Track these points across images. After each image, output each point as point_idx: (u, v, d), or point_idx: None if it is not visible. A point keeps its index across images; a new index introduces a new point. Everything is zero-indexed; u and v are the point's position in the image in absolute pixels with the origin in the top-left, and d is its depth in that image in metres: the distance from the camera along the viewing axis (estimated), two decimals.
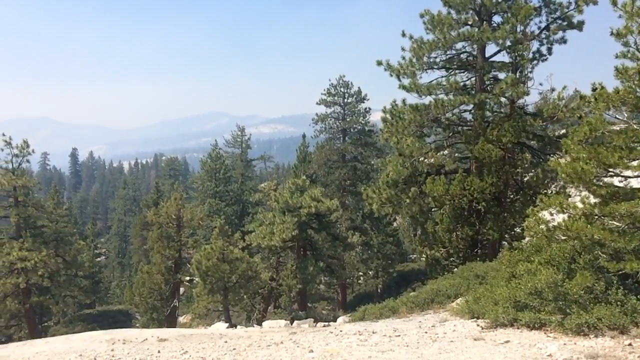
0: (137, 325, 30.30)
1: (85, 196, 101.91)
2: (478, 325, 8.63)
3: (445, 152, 19.34)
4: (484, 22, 17.15)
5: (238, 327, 16.77)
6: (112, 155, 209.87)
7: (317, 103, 35.49)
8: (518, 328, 7.95)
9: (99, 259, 50.48)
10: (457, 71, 18.45)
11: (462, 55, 18.31)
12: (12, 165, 26.79)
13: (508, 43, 16.66)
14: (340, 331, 9.39)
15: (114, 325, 27.89)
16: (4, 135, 26.79)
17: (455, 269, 16.24)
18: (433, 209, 19.08)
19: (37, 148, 30.59)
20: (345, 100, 35.42)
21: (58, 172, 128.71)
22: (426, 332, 8.54)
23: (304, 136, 34.67)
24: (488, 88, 17.66)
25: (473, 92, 17.83)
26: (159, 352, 8.06)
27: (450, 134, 19.09)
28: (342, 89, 35.35)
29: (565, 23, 17.07)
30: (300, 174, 27.34)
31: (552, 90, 17.07)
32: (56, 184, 54.51)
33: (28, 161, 28.02)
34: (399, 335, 8.39)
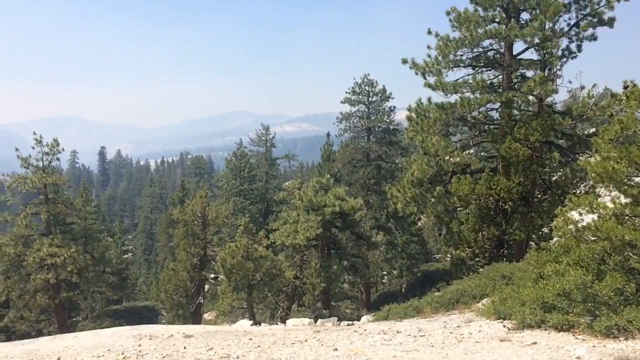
0: (163, 321, 30.69)
1: (113, 194, 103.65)
2: (504, 326, 8.51)
3: (471, 151, 19.15)
4: (512, 19, 16.92)
5: (262, 324, 16.85)
6: (139, 154, 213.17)
7: (341, 102, 35.47)
8: (545, 330, 7.82)
9: (126, 256, 51.27)
10: (483, 69, 18.22)
11: (489, 53, 18.08)
12: (43, 163, 27.25)
13: (536, 40, 16.39)
14: (365, 330, 9.36)
15: (141, 321, 28.29)
16: (35, 134, 27.29)
17: (481, 270, 16.05)
18: (458, 209, 18.88)
19: (67, 146, 31.15)
20: (370, 98, 35.29)
21: (87, 170, 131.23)
22: (451, 333, 8.45)
23: (328, 135, 34.68)
24: (515, 86, 17.42)
25: (500, 90, 17.60)
26: (184, 348, 8.14)
27: (477, 133, 18.87)
28: (366, 88, 35.22)
29: (595, 20, 16.71)
30: (324, 173, 27.35)
31: (582, 88, 16.76)
32: (85, 181, 55.67)
33: (58, 159, 28.49)
34: (424, 335, 8.33)
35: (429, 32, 17.68)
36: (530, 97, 17.22)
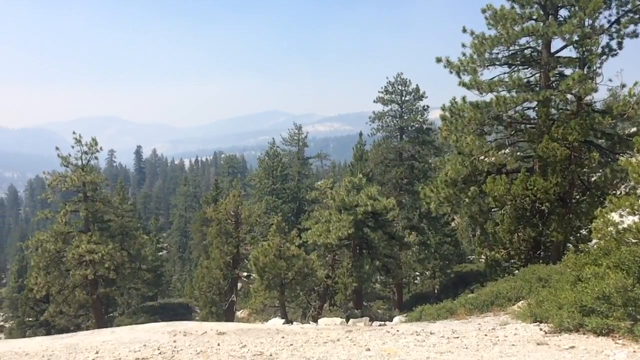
0: (197, 318, 31.14)
1: (149, 192, 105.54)
2: (541, 329, 8.33)
3: (507, 150, 18.81)
4: (550, 16, 16.56)
5: (294, 323, 16.92)
6: (174, 153, 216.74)
7: (374, 101, 35.31)
8: (584, 334, 7.63)
9: (161, 253, 52.24)
10: (520, 67, 17.92)
11: (526, 51, 17.76)
12: (82, 162, 27.91)
13: (575, 38, 16.03)
14: (397, 331, 9.30)
15: (175, 317, 28.79)
16: (74, 133, 27.99)
17: (516, 271, 15.78)
18: (493, 209, 18.59)
19: (105, 145, 31.88)
20: (403, 98, 35.02)
21: (124, 168, 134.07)
22: (486, 335, 8.32)
23: (360, 134, 34.56)
24: (553, 84, 17.06)
25: (537, 88, 17.26)
26: (218, 345, 8.23)
27: (512, 132, 18.55)
28: (399, 87, 34.97)
29: (637, 16, 16.28)
30: (356, 172, 27.28)
31: (623, 86, 16.31)
32: (122, 180, 56.81)
33: (96, 158, 29.05)
34: (458, 337, 8.22)
35: (464, 30, 17.48)
36: (569, 96, 16.83)
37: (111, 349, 8.29)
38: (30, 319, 34.49)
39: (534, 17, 16.83)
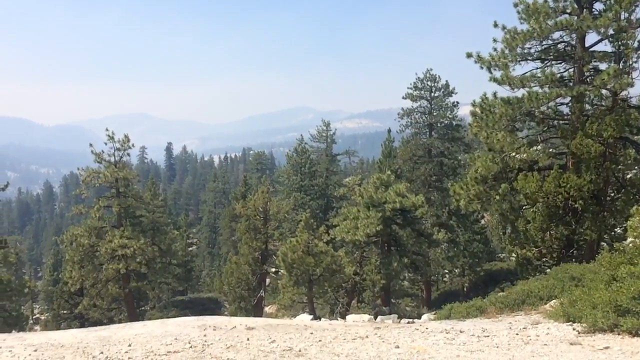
0: (226, 313, 31.46)
1: (179, 188, 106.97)
2: (574, 329, 8.18)
3: (539, 147, 18.46)
4: (584, 10, 16.19)
5: (322, 319, 16.97)
6: (203, 150, 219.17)
7: (403, 97, 35.08)
8: (619, 334, 7.46)
9: (190, 249, 52.89)
10: (553, 62, 17.54)
11: (559, 46, 17.39)
12: (115, 158, 28.40)
13: (611, 32, 15.62)
14: (426, 328, 9.24)
15: (204, 312, 29.17)
16: (107, 130, 28.54)
17: (548, 270, 15.50)
18: (524, 207, 18.27)
19: (136, 142, 32.36)
20: (432, 94, 34.72)
21: (154, 165, 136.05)
22: (517, 334, 8.21)
23: (389, 131, 34.37)
24: (588, 80, 16.65)
25: (571, 84, 16.90)
26: (248, 339, 8.31)
27: (545, 129, 18.20)
28: (429, 83, 34.68)
29: None
30: (385, 169, 27.16)
31: None
32: (153, 176, 57.82)
33: (128, 155, 29.47)
34: (488, 336, 8.13)
35: (495, 25, 17.20)
36: (604, 91, 16.40)
37: (143, 342, 8.44)
38: (64, 312, 35.34)
39: (568, 10, 16.47)
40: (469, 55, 17.65)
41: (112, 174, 27.69)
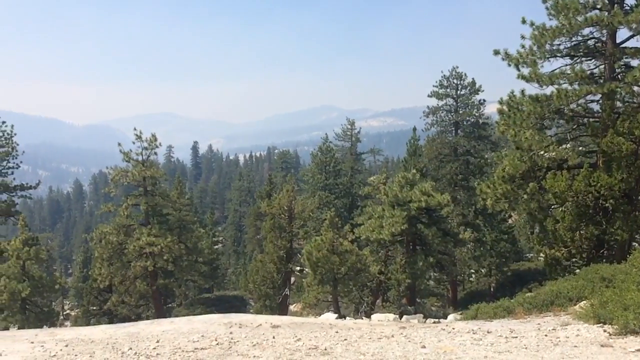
0: (251, 310, 31.69)
1: (205, 187, 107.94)
2: (605, 331, 8.02)
3: (568, 145, 18.12)
4: (615, 5, 15.80)
5: (347, 318, 16.96)
6: (228, 148, 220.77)
7: (428, 95, 34.85)
8: None
9: (216, 247, 53.38)
10: (583, 59, 17.19)
11: (589, 42, 17.03)
12: (142, 157, 28.71)
13: None
14: (453, 328, 9.17)
15: (230, 309, 29.42)
16: (135, 129, 28.92)
17: (578, 270, 15.23)
18: (553, 206, 17.96)
19: (163, 141, 32.75)
20: (459, 92, 34.41)
21: (181, 164, 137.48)
22: (546, 335, 8.08)
23: (414, 129, 34.15)
24: (619, 76, 16.30)
25: (601, 81, 16.53)
26: (273, 337, 8.35)
27: (574, 126, 17.85)
28: (455, 81, 34.37)
29: None
30: (410, 168, 27.01)
31: None
32: (179, 175, 58.36)
33: (155, 153, 29.65)
34: (516, 337, 8.02)
35: (524, 21, 16.94)
36: (635, 88, 16.03)
37: (171, 338, 8.56)
38: (94, 308, 36.01)
39: (598, 6, 16.12)
40: (496, 53, 17.42)
41: (139, 173, 28.02)
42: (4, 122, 32.66)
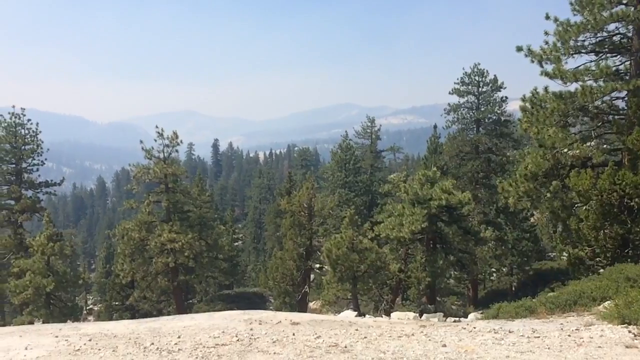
0: (271, 307, 31.85)
1: (225, 184, 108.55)
2: (630, 331, 7.87)
3: (592, 143, 17.84)
4: None
5: (366, 316, 16.93)
6: (248, 146, 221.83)
7: (449, 93, 34.57)
8: None
9: (236, 244, 53.68)
10: (608, 55, 16.91)
11: (614, 38, 16.74)
12: (164, 154, 29.03)
13: None
14: (474, 328, 9.08)
15: (250, 306, 29.57)
16: (157, 127, 29.23)
17: (602, 270, 14.97)
18: (577, 205, 17.69)
19: (184, 139, 32.99)
20: (480, 89, 34.06)
21: (201, 161, 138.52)
22: (569, 336, 7.96)
23: (435, 127, 33.95)
24: None
25: (627, 77, 16.23)
26: (293, 334, 8.37)
27: (599, 124, 17.55)
28: (476, 78, 34.03)
29: None
30: (430, 166, 26.84)
31: None
32: (200, 172, 58.89)
33: (177, 151, 30.00)
34: (539, 337, 7.92)
35: (547, 17, 16.71)
36: None
37: (192, 334, 8.64)
38: (116, 303, 36.53)
39: (624, 1, 15.83)
40: (519, 49, 17.21)
41: (161, 170, 28.29)
42: (29, 120, 33.30)
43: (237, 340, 8.03)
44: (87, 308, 50.26)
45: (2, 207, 32.37)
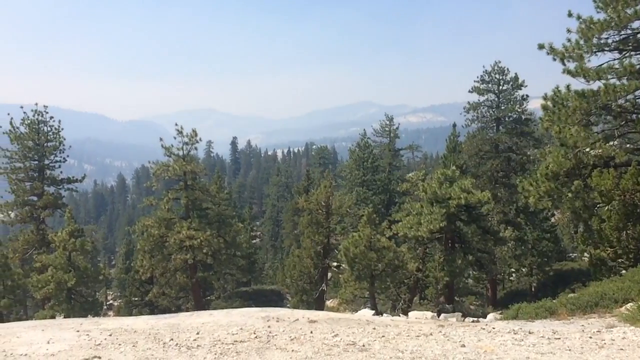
0: (288, 305, 31.92)
1: (243, 182, 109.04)
2: None
3: (615, 142, 17.53)
4: None
5: (384, 315, 16.88)
6: (267, 144, 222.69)
7: (469, 91, 34.28)
8: None
9: (254, 241, 53.96)
10: (632, 53, 16.55)
11: (638, 35, 16.41)
12: (183, 152, 29.21)
13: None
14: (493, 328, 9.00)
15: (267, 303, 29.69)
16: (176, 125, 29.43)
17: (624, 271, 14.73)
18: (599, 205, 17.41)
19: (203, 136, 33.16)
20: (500, 87, 33.72)
21: (220, 159, 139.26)
22: (590, 337, 7.85)
23: (454, 125, 33.67)
24: None
25: None
26: (311, 332, 8.38)
27: (622, 123, 17.23)
28: (496, 76, 33.69)
29: None
30: (449, 164, 26.62)
31: None
32: (218, 170, 59.23)
33: (196, 149, 30.07)
34: (559, 338, 7.82)
35: (570, 15, 16.45)
36: None
37: (210, 330, 8.71)
38: (136, 299, 36.97)
39: None
40: (541, 47, 16.98)
41: (180, 167, 28.47)
42: (51, 118, 33.80)
43: (255, 337, 8.07)
44: (107, 303, 50.99)
45: (25, 203, 32.88)
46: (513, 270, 34.93)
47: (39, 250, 31.08)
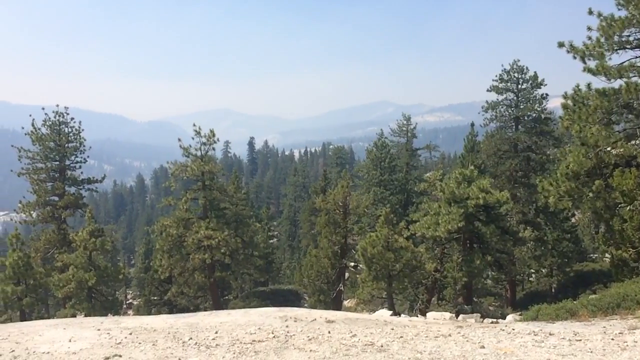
0: (306, 305, 31.96)
1: (260, 182, 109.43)
2: None
3: (637, 141, 17.24)
4: None
5: (401, 315, 16.82)
6: (284, 144, 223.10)
7: (487, 90, 33.97)
8: None
9: (271, 241, 54.05)
10: None
11: None
12: (201, 152, 29.42)
13: None
14: (512, 329, 8.92)
15: (285, 303, 29.78)
16: (194, 125, 29.63)
17: None
18: (621, 205, 17.14)
19: (221, 137, 33.34)
20: (520, 86, 33.37)
21: (237, 159, 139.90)
22: (612, 339, 7.74)
23: (472, 124, 33.41)
24: None
25: None
26: (329, 332, 8.39)
27: None
28: (515, 75, 33.35)
29: None
30: (467, 164, 26.42)
31: None
32: (236, 170, 59.45)
33: (214, 149, 30.29)
34: (580, 340, 7.72)
35: (590, 12, 16.21)
36: None
37: (229, 329, 8.76)
38: (155, 298, 37.32)
39: None
40: (561, 45, 16.76)
41: (198, 168, 28.69)
42: (72, 119, 34.24)
43: (274, 336, 8.10)
44: (127, 302, 51.52)
45: (46, 203, 33.36)
46: (533, 271, 34.58)
47: (60, 249, 31.50)
